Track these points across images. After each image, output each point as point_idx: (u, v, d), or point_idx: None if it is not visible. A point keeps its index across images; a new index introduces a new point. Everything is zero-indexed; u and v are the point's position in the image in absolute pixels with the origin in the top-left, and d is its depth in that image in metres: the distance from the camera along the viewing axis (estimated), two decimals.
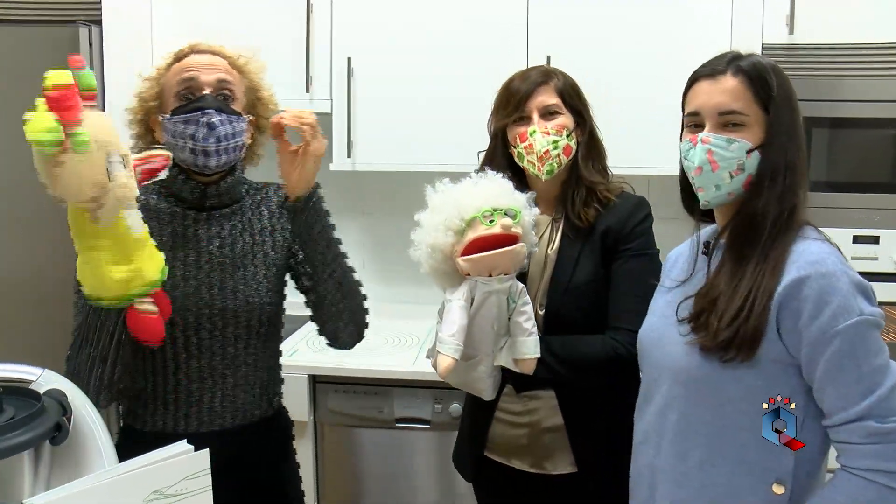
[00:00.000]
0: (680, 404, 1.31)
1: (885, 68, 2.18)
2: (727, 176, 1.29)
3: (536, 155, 1.66)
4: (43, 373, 1.15)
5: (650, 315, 1.46)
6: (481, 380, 1.63)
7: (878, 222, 2.15)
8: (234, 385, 1.55)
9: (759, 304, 1.22)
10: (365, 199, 2.94)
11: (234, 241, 1.56)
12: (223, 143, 1.48)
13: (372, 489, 2.42)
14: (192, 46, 1.55)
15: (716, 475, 1.28)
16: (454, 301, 1.55)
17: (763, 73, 1.29)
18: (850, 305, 1.19)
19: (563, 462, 1.69)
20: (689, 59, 2.38)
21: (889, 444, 1.17)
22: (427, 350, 1.65)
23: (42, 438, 1.01)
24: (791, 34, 2.18)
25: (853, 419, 1.18)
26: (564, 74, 1.73)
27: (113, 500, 0.96)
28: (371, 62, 2.50)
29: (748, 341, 1.22)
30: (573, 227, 1.69)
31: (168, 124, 1.48)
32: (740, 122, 1.28)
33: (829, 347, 1.19)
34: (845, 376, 1.19)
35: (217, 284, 1.53)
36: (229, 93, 1.52)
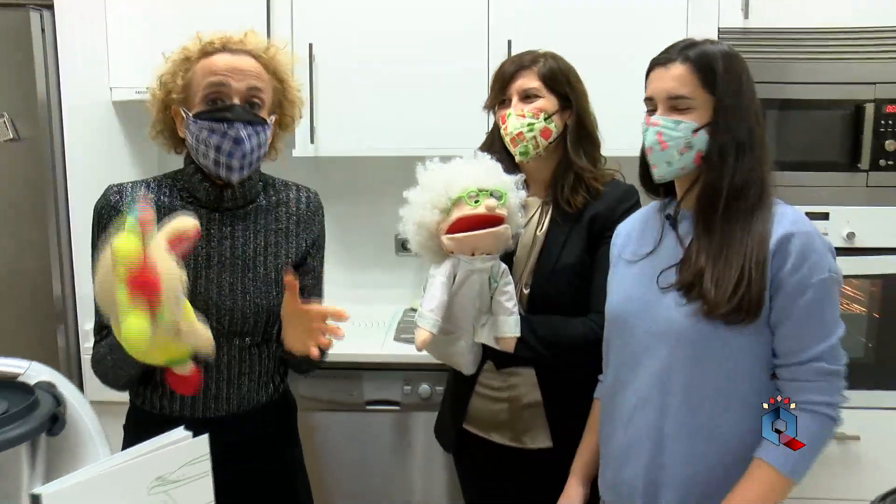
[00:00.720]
0: (685, 365, 1.40)
1: (834, 52, 2.27)
2: (676, 154, 1.41)
3: (509, 136, 1.70)
4: (31, 365, 1.16)
5: (618, 289, 1.54)
6: (461, 354, 1.68)
7: (827, 199, 2.25)
8: (240, 374, 1.57)
9: (758, 269, 1.35)
10: (328, 184, 2.91)
11: (246, 242, 1.56)
12: (248, 157, 1.47)
13: (344, 471, 2.45)
14: (224, 42, 1.50)
15: (725, 424, 1.40)
16: (436, 277, 1.59)
17: (710, 60, 1.41)
18: (824, 262, 1.37)
19: (540, 437, 1.75)
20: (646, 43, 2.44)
21: (831, 382, 1.37)
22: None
23: (39, 430, 1.02)
24: (746, 18, 2.25)
25: (808, 360, 1.35)
26: (556, 59, 1.77)
27: (119, 487, 0.97)
28: (332, 49, 2.49)
29: (754, 305, 1.34)
30: (562, 211, 1.74)
31: (192, 126, 1.46)
32: (686, 105, 1.41)
33: (803, 297, 1.35)
34: (811, 323, 1.36)
35: (227, 285, 1.53)
36: (258, 100, 1.49)
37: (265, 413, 1.62)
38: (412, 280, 2.95)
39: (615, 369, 1.54)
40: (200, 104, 1.47)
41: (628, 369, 1.50)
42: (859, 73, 2.28)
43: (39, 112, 2.23)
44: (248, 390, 1.59)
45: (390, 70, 2.50)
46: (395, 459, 2.45)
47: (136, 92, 2.52)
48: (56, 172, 2.28)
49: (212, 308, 1.51)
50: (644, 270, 1.49)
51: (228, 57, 1.48)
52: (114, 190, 1.54)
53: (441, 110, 2.51)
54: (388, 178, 2.89)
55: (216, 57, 1.48)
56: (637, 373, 1.47)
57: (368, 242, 2.93)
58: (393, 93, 2.51)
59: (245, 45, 1.50)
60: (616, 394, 1.53)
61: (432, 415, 2.36)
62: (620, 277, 1.55)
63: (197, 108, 1.47)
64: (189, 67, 1.49)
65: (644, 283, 1.48)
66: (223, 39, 1.50)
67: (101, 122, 2.50)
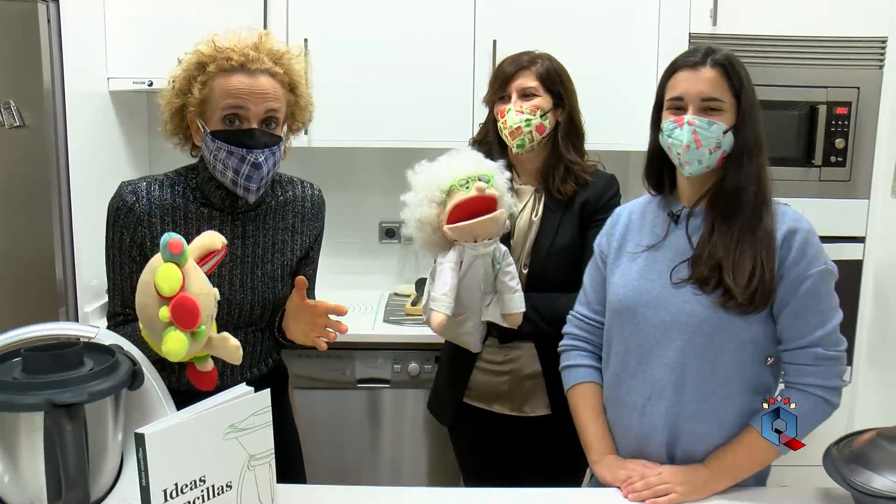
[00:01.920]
0: (701, 352, 1.49)
1: (792, 58, 2.46)
2: (707, 152, 1.49)
3: (508, 130, 1.85)
4: (100, 330, 1.25)
5: (623, 281, 1.59)
6: (469, 334, 1.81)
7: (786, 192, 2.43)
8: (244, 356, 1.65)
9: (769, 261, 1.46)
10: (319, 174, 3.03)
11: (256, 241, 1.63)
12: (265, 178, 1.52)
13: (338, 446, 2.57)
14: (242, 62, 1.49)
15: (732, 407, 1.51)
16: (445, 263, 1.70)
17: (735, 65, 1.50)
18: (820, 256, 1.48)
19: (539, 405, 1.89)
20: (620, 46, 2.65)
21: (829, 367, 1.48)
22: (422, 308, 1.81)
23: (124, 384, 1.13)
24: (714, 25, 2.42)
25: (807, 345, 1.47)
26: (551, 60, 1.91)
27: (202, 431, 1.10)
28: (326, 45, 2.59)
29: (767, 294, 1.46)
30: (554, 198, 1.88)
31: (210, 143, 1.50)
32: (718, 107, 1.49)
33: (802, 287, 1.46)
34: (808, 311, 1.47)
35: (238, 281, 1.61)
36: (275, 119, 1.52)
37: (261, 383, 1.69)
38: (395, 267, 3.08)
39: (621, 358, 1.60)
40: (218, 123, 1.49)
41: (637, 359, 1.56)
42: (814, 77, 2.47)
43: (45, 100, 2.28)
44: (250, 366, 1.69)
45: (381, 66, 2.61)
46: (385, 435, 2.57)
47: (132, 82, 2.60)
48: (59, 159, 2.34)
49: (223, 302, 1.55)
50: (649, 264, 1.56)
51: (246, 79, 1.48)
52: (129, 190, 1.56)
53: (428, 105, 2.63)
54: (374, 169, 3.04)
55: (235, 77, 1.48)
56: (649, 363, 1.54)
57: (354, 230, 3.04)
58: (383, 88, 2.62)
59: (262, 64, 1.50)
60: (623, 382, 1.59)
61: (421, 392, 2.50)
62: (624, 270, 1.60)
63: (215, 125, 1.50)
64: (206, 81, 1.49)
65: (652, 276, 1.55)
66: (241, 56, 1.49)
67: (99, 112, 2.57)
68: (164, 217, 1.56)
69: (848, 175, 2.52)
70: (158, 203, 1.56)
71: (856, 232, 2.55)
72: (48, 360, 1.09)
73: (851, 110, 2.48)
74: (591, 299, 1.70)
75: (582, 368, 1.69)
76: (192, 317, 1.22)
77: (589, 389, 1.67)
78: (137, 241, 1.55)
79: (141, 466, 1.05)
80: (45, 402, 1.03)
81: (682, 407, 1.52)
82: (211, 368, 1.40)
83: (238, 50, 1.50)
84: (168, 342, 1.20)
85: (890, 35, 2.45)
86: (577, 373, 1.69)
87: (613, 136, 2.33)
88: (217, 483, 1.15)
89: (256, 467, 1.20)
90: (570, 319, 1.74)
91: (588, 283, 1.72)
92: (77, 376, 1.08)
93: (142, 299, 1.26)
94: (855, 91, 2.48)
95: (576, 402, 1.68)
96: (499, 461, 1.99)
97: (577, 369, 1.70)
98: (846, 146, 2.50)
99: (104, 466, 1.16)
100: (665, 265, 1.54)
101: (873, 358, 2.57)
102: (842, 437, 1.47)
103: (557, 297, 1.84)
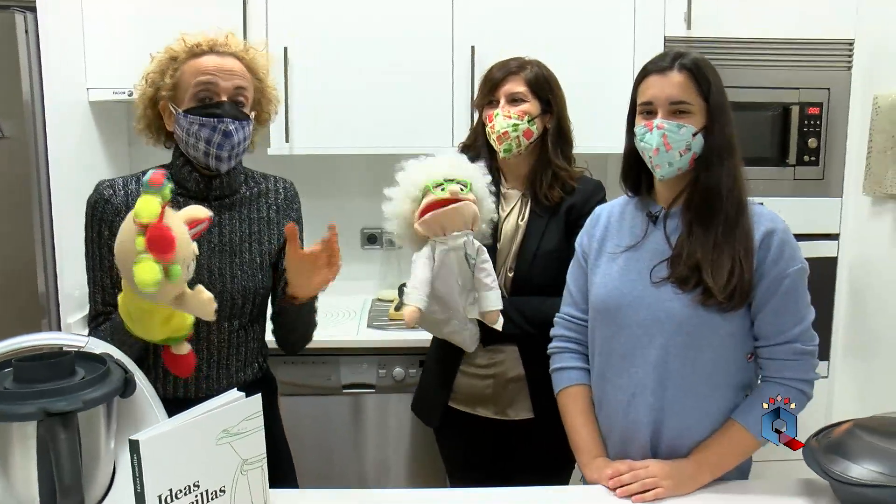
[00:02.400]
0: (682, 350, 1.53)
1: (765, 60, 2.52)
2: (677, 155, 1.52)
3: (496, 134, 1.87)
4: (89, 340, 1.26)
5: (604, 281, 1.62)
6: (457, 333, 1.82)
7: (761, 191, 2.47)
8: (228, 356, 1.68)
9: (747, 260, 1.49)
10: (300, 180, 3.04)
11: (233, 230, 1.67)
12: (235, 149, 1.59)
13: (323, 451, 2.57)
14: (211, 45, 1.60)
15: (713, 402, 1.54)
16: (417, 258, 1.73)
17: (703, 68, 1.53)
18: (796, 255, 1.53)
19: (522, 409, 1.91)
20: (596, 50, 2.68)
21: (805, 361, 1.53)
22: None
23: (117, 392, 1.14)
24: (689, 29, 2.46)
25: (785, 341, 1.52)
26: (540, 66, 1.93)
27: (195, 437, 1.12)
28: (306, 52, 2.61)
29: (745, 292, 1.49)
30: (540, 205, 1.90)
31: (182, 121, 1.57)
32: (687, 110, 1.52)
33: (782, 286, 1.50)
34: (787, 308, 1.52)
35: (216, 270, 1.64)
36: (243, 98, 1.60)
37: (249, 391, 1.72)
38: (378, 272, 3.10)
39: (604, 358, 1.62)
40: (190, 101, 1.57)
41: (619, 358, 1.59)
42: (786, 78, 2.53)
43: (24, 111, 2.28)
44: (236, 370, 1.70)
45: (360, 73, 2.63)
46: (371, 439, 2.58)
47: (112, 92, 2.59)
48: (39, 170, 2.33)
49: None
50: (629, 264, 1.59)
51: (216, 58, 1.59)
52: (106, 185, 1.63)
53: (407, 111, 2.65)
54: (355, 175, 3.05)
55: (205, 58, 1.58)
56: (632, 362, 1.57)
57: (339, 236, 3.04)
58: (363, 94, 2.64)
59: (230, 48, 1.61)
60: (607, 381, 1.62)
61: (406, 396, 2.50)
62: (605, 270, 1.63)
63: (187, 104, 1.57)
64: (177, 67, 1.58)
65: (632, 277, 1.57)
66: (210, 42, 1.60)
67: (79, 122, 2.56)
68: None
69: (821, 174, 2.58)
70: (135, 195, 1.60)
71: (830, 229, 2.61)
72: (41, 370, 1.10)
73: (823, 110, 2.55)
74: (576, 299, 1.72)
75: (572, 371, 1.71)
76: (167, 244, 1.24)
77: (579, 392, 1.69)
78: (115, 231, 1.56)
79: (136, 472, 1.06)
80: (39, 411, 1.03)
81: (665, 403, 1.55)
82: (187, 352, 1.43)
83: (206, 39, 1.61)
84: (139, 270, 1.21)
85: (856, 37, 2.52)
86: (567, 375, 1.71)
87: (591, 138, 2.36)
88: (211, 488, 1.16)
89: (249, 472, 1.22)
90: (558, 321, 1.76)
91: (572, 283, 1.74)
92: (70, 385, 1.09)
93: (119, 238, 1.29)
94: (826, 91, 2.54)
95: (566, 404, 1.70)
96: (483, 463, 2.00)
97: (567, 372, 1.72)
98: (819, 145, 2.56)
99: (97, 474, 1.17)
100: (645, 265, 1.57)
101: (848, 352, 2.63)
102: (820, 428, 1.51)
103: (542, 300, 1.87)
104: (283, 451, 1.85)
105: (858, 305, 2.60)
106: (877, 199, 2.45)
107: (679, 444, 1.56)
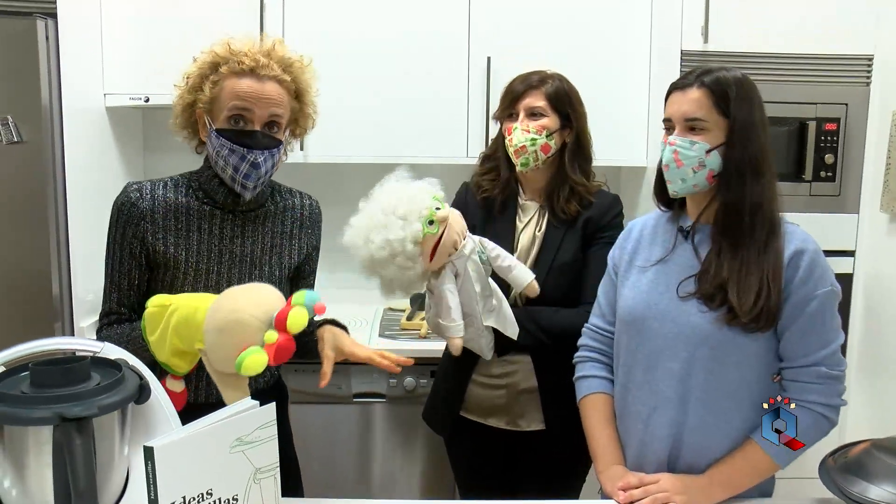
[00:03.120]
0: (704, 367, 1.51)
1: (782, 75, 2.50)
2: (690, 171, 1.51)
3: (514, 148, 1.87)
4: (105, 345, 1.27)
5: (633, 293, 1.61)
6: (474, 340, 1.82)
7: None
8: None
9: (775, 282, 1.47)
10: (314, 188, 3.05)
11: (255, 242, 1.68)
12: (263, 178, 1.59)
13: (334, 461, 2.57)
14: (253, 66, 1.55)
15: (736, 421, 1.52)
16: (444, 288, 1.72)
17: (724, 85, 1.51)
18: (826, 277, 1.50)
19: (534, 420, 1.90)
20: (613, 63, 2.67)
21: (830, 386, 1.51)
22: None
23: (132, 398, 1.14)
24: (706, 43, 2.45)
25: (810, 364, 1.49)
26: (562, 81, 1.92)
27: (209, 445, 1.11)
28: (323, 61, 2.57)
29: (772, 315, 1.47)
30: (557, 218, 1.90)
31: (214, 140, 1.57)
32: (702, 126, 1.51)
33: (808, 307, 1.48)
34: (813, 330, 1.49)
35: (236, 280, 1.65)
36: (277, 124, 1.59)
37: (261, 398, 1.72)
38: None
39: (628, 369, 1.62)
40: (224, 122, 1.56)
41: (643, 370, 1.59)
42: (803, 94, 2.51)
43: (42, 116, 2.30)
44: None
45: (376, 82, 2.65)
46: (380, 449, 2.58)
47: (129, 98, 2.61)
48: (56, 175, 2.35)
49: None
50: (658, 277, 1.58)
51: (255, 84, 1.55)
52: (134, 188, 1.63)
53: (423, 121, 2.66)
54: (369, 184, 3.01)
55: (244, 81, 1.55)
56: (655, 374, 1.56)
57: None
58: (378, 104, 2.65)
59: (271, 70, 1.57)
60: (629, 392, 1.62)
61: (416, 407, 2.50)
62: (634, 282, 1.62)
63: (220, 123, 1.57)
64: (217, 80, 1.57)
65: (660, 289, 1.57)
66: (252, 62, 1.55)
67: (96, 127, 2.59)
68: (166, 213, 1.62)
69: (837, 190, 2.56)
70: (162, 200, 1.62)
71: (846, 246, 2.58)
72: (57, 375, 1.10)
73: (840, 126, 2.53)
74: (605, 311, 1.73)
75: (594, 379, 1.72)
76: (287, 356, 1.36)
77: (600, 400, 1.69)
78: (139, 235, 1.61)
79: (150, 479, 1.06)
80: (54, 416, 1.03)
81: (686, 418, 1.54)
82: (181, 391, 1.48)
83: (250, 55, 1.57)
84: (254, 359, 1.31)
85: (876, 53, 2.50)
86: (589, 383, 1.72)
87: (605, 152, 2.36)
88: (223, 496, 1.16)
89: (262, 480, 1.22)
90: (585, 332, 1.77)
91: (602, 295, 1.74)
92: (86, 390, 1.09)
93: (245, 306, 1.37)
94: (843, 107, 2.52)
95: (586, 411, 1.70)
96: (493, 474, 2.00)
97: (590, 380, 1.72)
98: (835, 161, 2.54)
99: (111, 480, 1.17)
100: (673, 278, 1.56)
101: (864, 370, 2.60)
102: (836, 448, 1.49)
103: (555, 310, 1.87)
104: (291, 460, 1.86)
105: (874, 323, 2.57)
106: (894, 216, 2.43)
107: (698, 461, 1.54)
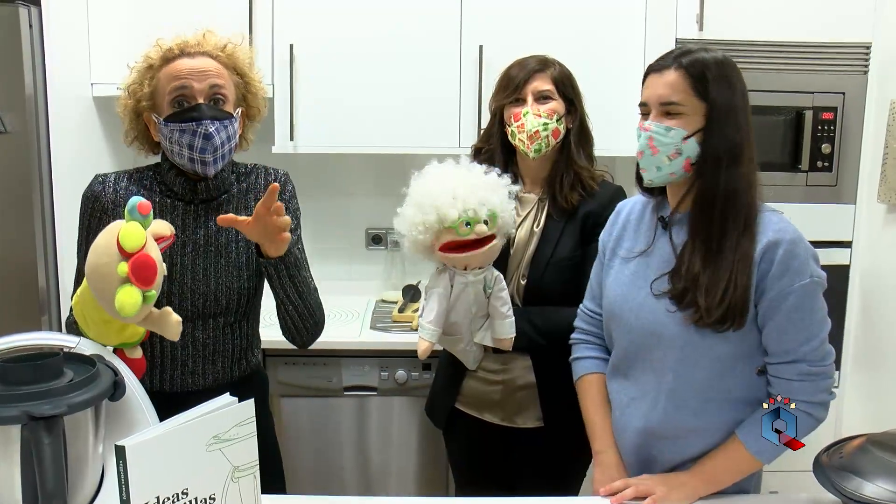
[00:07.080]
0: (674, 366, 1.48)
1: (778, 63, 2.46)
2: (665, 159, 1.43)
3: (527, 134, 1.79)
4: (80, 340, 1.24)
5: (615, 286, 1.58)
6: (464, 352, 1.81)
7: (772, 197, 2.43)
8: (215, 352, 1.67)
9: (743, 277, 1.39)
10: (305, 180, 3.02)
11: (219, 230, 1.64)
12: (220, 150, 1.56)
13: (325, 454, 2.55)
14: (182, 48, 1.58)
15: (708, 419, 1.48)
16: (435, 290, 1.70)
17: (703, 67, 1.41)
18: (805, 268, 1.41)
19: (531, 417, 1.87)
20: (606, 51, 2.64)
21: (813, 382, 1.45)
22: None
23: (105, 395, 1.11)
24: (701, 31, 2.41)
25: (791, 360, 1.44)
26: (561, 65, 1.87)
27: (185, 443, 1.08)
28: (312, 51, 2.59)
29: (739, 313, 1.40)
30: (558, 208, 1.84)
31: (163, 129, 1.56)
32: (678, 111, 1.42)
33: (785, 303, 1.40)
34: (792, 326, 1.42)
35: (201, 270, 1.63)
36: (221, 96, 1.58)
37: (238, 388, 1.69)
38: (382, 273, 3.06)
39: (614, 356, 1.61)
40: (168, 108, 1.56)
41: (625, 360, 1.57)
42: (800, 82, 2.47)
43: (27, 106, 2.26)
44: (223, 366, 1.69)
45: (366, 71, 2.60)
46: (373, 443, 2.56)
47: (116, 87, 2.56)
48: (42, 165, 2.32)
49: (187, 291, 1.61)
50: (639, 270, 1.54)
51: (188, 60, 1.56)
52: (99, 179, 1.66)
53: (414, 111, 2.62)
54: (360, 175, 3.02)
55: (177, 62, 1.56)
56: (635, 365, 1.55)
57: (340, 236, 3.03)
58: (369, 93, 2.61)
59: (202, 48, 1.59)
60: (614, 379, 1.61)
61: (408, 399, 2.50)
62: (617, 274, 1.59)
63: (166, 112, 1.56)
64: (153, 75, 1.58)
65: (639, 283, 1.52)
66: (181, 45, 1.58)
67: (82, 117, 2.55)
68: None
69: (834, 180, 2.52)
70: (124, 193, 1.63)
71: (842, 237, 2.55)
72: (27, 372, 1.07)
73: (837, 115, 2.49)
74: (596, 293, 1.70)
75: (589, 360, 1.70)
76: (151, 273, 1.27)
77: (594, 380, 1.68)
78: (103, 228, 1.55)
79: (121, 480, 1.03)
80: (22, 415, 1.01)
81: (656, 413, 1.52)
82: (139, 356, 1.44)
83: (179, 41, 1.59)
84: (122, 296, 1.23)
85: (874, 41, 2.46)
86: (583, 364, 1.70)
87: (599, 141, 2.33)
88: (200, 496, 1.13)
89: (240, 479, 1.18)
90: (579, 314, 1.74)
91: (594, 278, 1.71)
92: (56, 387, 1.06)
93: (95, 259, 1.29)
94: (840, 96, 2.48)
95: (582, 393, 1.69)
96: (489, 469, 1.97)
97: (584, 361, 1.71)
98: (832, 151, 2.50)
99: (84, 479, 1.14)
100: (652, 273, 1.52)
101: (860, 362, 2.58)
102: (831, 443, 1.46)
103: (556, 310, 1.82)
104: (273, 454, 1.82)
105: (871, 315, 2.55)
106: (891, 206, 2.40)
107: (669, 458, 1.53)
